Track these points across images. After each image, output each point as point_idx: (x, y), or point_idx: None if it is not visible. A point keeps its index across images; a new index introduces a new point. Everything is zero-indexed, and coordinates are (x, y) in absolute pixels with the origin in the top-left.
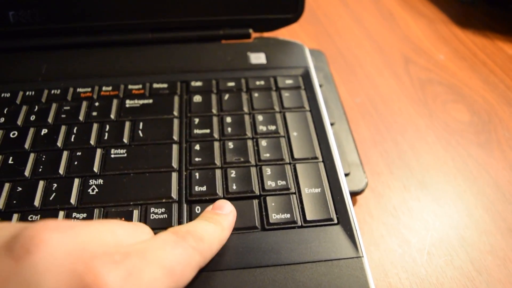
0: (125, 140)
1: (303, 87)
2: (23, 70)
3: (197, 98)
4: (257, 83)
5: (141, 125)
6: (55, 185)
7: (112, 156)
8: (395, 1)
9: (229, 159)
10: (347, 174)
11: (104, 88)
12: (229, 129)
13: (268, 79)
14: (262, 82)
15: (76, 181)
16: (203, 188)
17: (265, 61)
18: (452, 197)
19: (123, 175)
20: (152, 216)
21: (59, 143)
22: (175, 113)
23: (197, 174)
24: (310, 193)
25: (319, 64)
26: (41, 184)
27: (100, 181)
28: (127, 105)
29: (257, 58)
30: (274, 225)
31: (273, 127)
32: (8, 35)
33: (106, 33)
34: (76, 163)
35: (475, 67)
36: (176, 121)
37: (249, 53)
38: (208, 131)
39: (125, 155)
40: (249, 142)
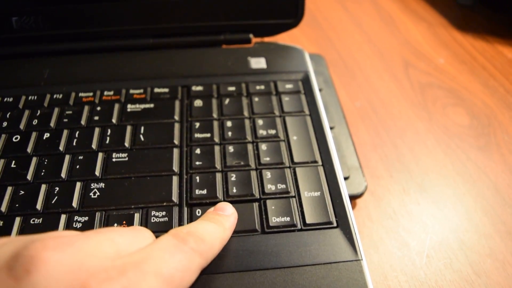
0: (127, 144)
1: (303, 92)
2: (26, 75)
3: (198, 103)
4: (257, 87)
5: (142, 129)
6: (57, 189)
7: (114, 160)
8: (395, 5)
9: (229, 162)
10: (347, 178)
11: (105, 93)
12: (230, 133)
13: (268, 83)
14: (262, 87)
15: (78, 185)
16: (204, 192)
17: (265, 66)
18: (451, 200)
19: (124, 179)
20: (153, 219)
21: (61, 147)
22: (176, 117)
23: (197, 177)
24: (310, 196)
25: (319, 68)
26: (43, 188)
27: (101, 185)
28: (128, 110)
29: (258, 62)
30: (274, 228)
31: (273, 131)
32: (11, 41)
33: (107, 38)
34: (78, 167)
35: (475, 70)
36: (177, 125)
37: (249, 57)
38: (208, 135)
39: (127, 159)
40: (249, 146)
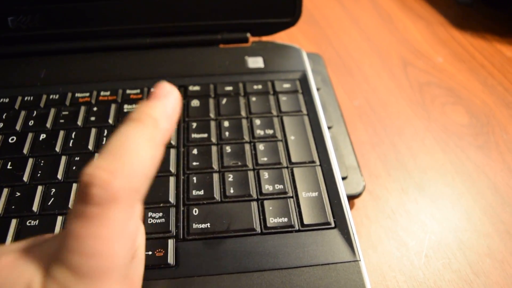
0: None
1: (300, 91)
2: (22, 75)
3: (195, 103)
4: (255, 87)
5: None
6: (53, 190)
7: None
8: (393, 3)
9: (226, 163)
10: (345, 178)
11: (102, 93)
12: (227, 133)
13: (266, 83)
14: (260, 86)
15: (75, 186)
16: (201, 192)
17: (262, 65)
18: (450, 200)
19: None
20: (150, 220)
21: (57, 148)
22: None
23: (194, 178)
24: (308, 197)
25: (317, 67)
26: (39, 189)
27: None
28: (125, 110)
29: (255, 62)
30: (272, 229)
31: (270, 131)
32: (7, 41)
33: (104, 38)
34: (74, 168)
35: (474, 69)
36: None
37: (246, 57)
38: (205, 135)
39: None
40: (247, 146)
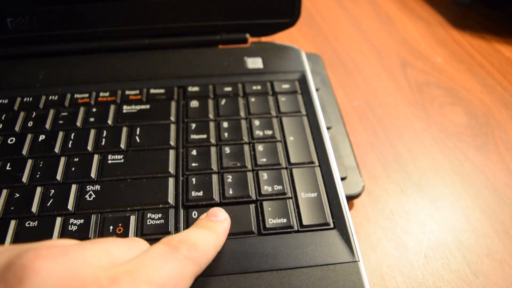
0: (122, 146)
1: (299, 92)
2: (21, 77)
3: (194, 103)
4: (254, 88)
5: (138, 131)
6: (52, 191)
7: (109, 162)
8: (392, 4)
9: (225, 164)
10: (344, 178)
11: (101, 94)
12: (226, 134)
13: (265, 83)
14: (259, 87)
15: (74, 187)
16: (200, 193)
17: (261, 66)
18: (449, 200)
19: (120, 181)
20: (149, 221)
21: (56, 149)
22: (172, 118)
23: (193, 179)
24: (307, 197)
25: (316, 68)
26: (38, 190)
27: (97, 187)
28: (124, 111)
29: (254, 62)
30: (271, 230)
31: (269, 132)
32: (6, 42)
33: (103, 39)
34: (73, 169)
35: (473, 69)
36: (173, 127)
37: (245, 57)
38: (205, 136)
39: (122, 160)
40: (246, 147)
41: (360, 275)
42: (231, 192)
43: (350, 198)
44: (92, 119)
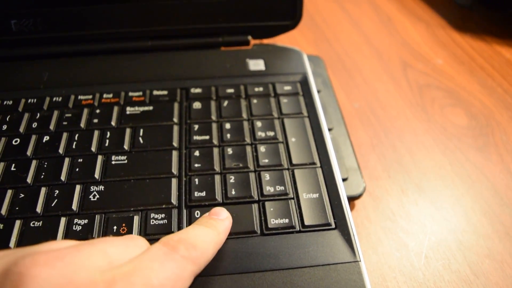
0: (126, 146)
1: (301, 93)
2: (25, 78)
3: (197, 105)
4: (256, 89)
5: (141, 132)
6: (56, 192)
7: (113, 162)
8: (393, 6)
9: (228, 165)
10: (345, 179)
11: (105, 96)
12: (228, 135)
13: (267, 85)
14: (261, 89)
15: (78, 188)
16: (203, 194)
17: (263, 68)
18: (450, 201)
19: (123, 182)
20: (152, 221)
21: (60, 150)
22: (175, 119)
23: (196, 180)
24: (308, 198)
25: (318, 70)
26: (43, 191)
27: (101, 188)
28: (127, 112)
29: (256, 64)
30: (273, 230)
31: (271, 133)
32: (10, 44)
33: (106, 41)
34: (77, 169)
35: (473, 71)
36: (176, 128)
37: (248, 59)
38: (207, 137)
39: (126, 161)
40: (248, 148)
41: (361, 275)
42: (233, 192)
43: (351, 199)
44: (95, 120)
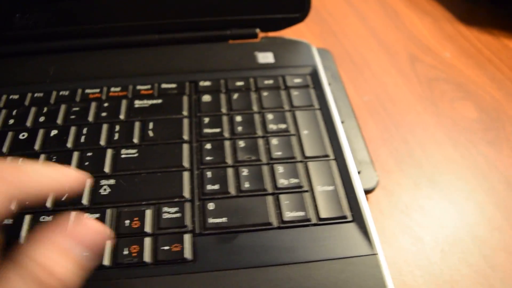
0: (135, 140)
1: (312, 86)
2: (31, 73)
3: (206, 98)
4: (266, 82)
5: (151, 125)
6: None
7: (123, 156)
8: (399, 1)
9: (240, 157)
10: (358, 172)
11: (112, 89)
12: (239, 128)
13: (277, 78)
14: (271, 81)
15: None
16: (216, 187)
17: (272, 61)
18: (463, 195)
19: (134, 175)
20: (165, 215)
21: (69, 144)
22: (185, 112)
23: (208, 173)
24: (323, 191)
25: (326, 63)
26: None
27: (111, 181)
28: (136, 106)
29: (265, 57)
30: (288, 223)
31: (283, 126)
32: (15, 39)
33: (113, 35)
34: (87, 163)
35: (481, 64)
36: (185, 121)
37: (256, 52)
38: (218, 130)
39: (136, 155)
40: (260, 141)
41: (379, 268)
42: (247, 185)
43: (365, 192)
44: (104, 114)
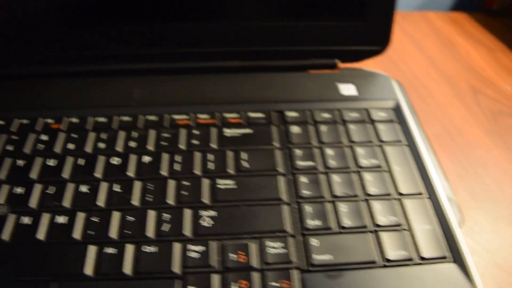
0: (230, 170)
1: (396, 120)
2: (115, 95)
3: (295, 129)
4: (351, 115)
5: (244, 155)
6: (166, 216)
7: (221, 187)
8: (453, 29)
9: (337, 192)
10: None
11: (200, 116)
12: (332, 162)
13: (361, 111)
14: (356, 114)
15: (187, 212)
16: (317, 222)
17: (355, 93)
18: None
19: (233, 207)
20: (270, 250)
21: (163, 172)
22: (276, 144)
23: (308, 207)
24: (422, 229)
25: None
26: (151, 214)
27: (212, 213)
28: (226, 134)
29: (347, 89)
30: (391, 262)
31: (375, 161)
32: (98, 59)
33: (194, 59)
34: (184, 193)
35: None
36: (278, 152)
37: (338, 83)
38: (312, 163)
39: (233, 186)
40: (354, 176)
41: None
42: (347, 221)
43: None
44: (195, 142)
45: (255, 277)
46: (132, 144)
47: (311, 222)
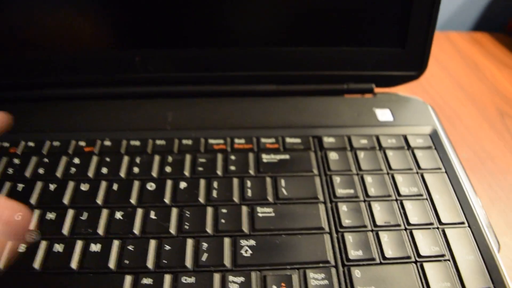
0: (269, 198)
1: (434, 147)
2: (149, 118)
3: (333, 156)
4: (389, 141)
5: (282, 183)
6: (205, 245)
7: (260, 215)
8: (476, 51)
9: (378, 222)
10: None
11: (236, 141)
12: (372, 190)
13: (399, 137)
14: (394, 141)
15: (227, 241)
16: (359, 253)
17: (391, 119)
18: None
19: (274, 236)
20: (313, 281)
21: (201, 199)
22: (315, 170)
23: (349, 237)
24: (464, 260)
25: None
26: (189, 243)
27: (251, 242)
28: (264, 160)
29: (383, 114)
30: None
31: (415, 189)
32: (134, 81)
33: (229, 83)
34: (223, 221)
35: None
36: (317, 179)
37: (375, 109)
38: (352, 191)
39: (273, 214)
40: (394, 204)
41: None
42: (390, 252)
43: None
44: (232, 168)
45: None
46: (167, 169)
47: (354, 253)
